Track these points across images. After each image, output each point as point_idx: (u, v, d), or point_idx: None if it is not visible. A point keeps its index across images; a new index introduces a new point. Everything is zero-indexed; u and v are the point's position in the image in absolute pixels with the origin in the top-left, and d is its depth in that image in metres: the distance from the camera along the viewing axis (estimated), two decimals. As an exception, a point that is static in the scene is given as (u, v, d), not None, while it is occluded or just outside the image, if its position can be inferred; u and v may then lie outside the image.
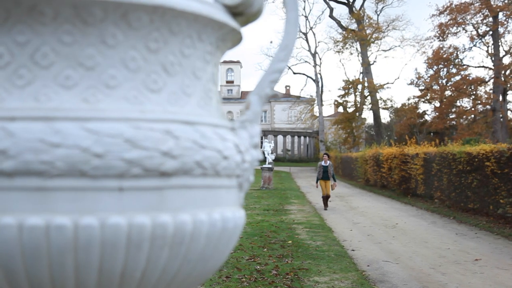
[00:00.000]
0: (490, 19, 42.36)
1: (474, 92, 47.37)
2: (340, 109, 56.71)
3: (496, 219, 13.50)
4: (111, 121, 0.84)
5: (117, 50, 0.88)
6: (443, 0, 53.86)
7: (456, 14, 44.28)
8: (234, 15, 1.06)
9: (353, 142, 50.35)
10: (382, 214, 15.92)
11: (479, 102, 46.56)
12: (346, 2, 52.00)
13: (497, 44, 42.53)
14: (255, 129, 1.06)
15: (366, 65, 49.41)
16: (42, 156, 0.79)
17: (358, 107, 50.24)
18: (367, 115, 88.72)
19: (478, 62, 56.60)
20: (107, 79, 0.87)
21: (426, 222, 14.17)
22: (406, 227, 13.04)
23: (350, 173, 35.96)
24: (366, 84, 48.65)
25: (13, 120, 0.81)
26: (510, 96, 45.63)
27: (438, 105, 52.08)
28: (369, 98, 49.58)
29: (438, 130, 50.92)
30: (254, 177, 1.09)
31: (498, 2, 41.16)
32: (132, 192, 0.84)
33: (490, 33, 43.06)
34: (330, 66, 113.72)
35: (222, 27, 1.01)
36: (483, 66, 46.23)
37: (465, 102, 49.79)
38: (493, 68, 43.08)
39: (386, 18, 68.93)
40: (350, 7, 51.74)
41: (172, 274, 0.92)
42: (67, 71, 0.85)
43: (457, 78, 47.90)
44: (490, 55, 43.62)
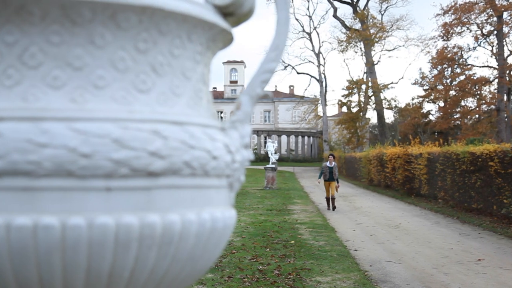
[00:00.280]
0: (495, 19, 42.24)
1: (478, 92, 47.27)
2: (344, 109, 56.66)
3: (499, 219, 13.47)
4: (99, 121, 0.84)
5: (105, 51, 0.88)
6: (448, -1, 53.60)
7: (460, 14, 44.17)
8: (225, 16, 1.06)
9: (357, 142, 50.29)
10: (386, 214, 15.90)
11: (484, 102, 46.45)
12: (350, 2, 51.96)
13: (501, 43, 42.41)
14: (246, 129, 1.06)
15: (370, 65, 49.34)
16: (29, 156, 0.79)
17: (362, 107, 50.18)
18: (371, 115, 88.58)
19: (482, 62, 56.33)
20: (96, 80, 0.87)
21: (429, 222, 14.15)
22: (409, 227, 13.02)
23: (354, 173, 35.93)
24: (370, 84, 48.59)
25: (0, 120, 0.81)
26: (515, 96, 45.50)
27: (442, 105, 51.99)
28: (373, 98, 49.52)
29: (443, 130, 50.83)
30: (245, 177, 1.09)
31: (503, 2, 41.04)
32: (120, 192, 0.84)
33: (495, 32, 42.94)
34: (334, 66, 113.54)
35: (212, 28, 1.01)
36: (488, 66, 46.14)
37: (469, 102, 49.71)
38: (497, 67, 42.95)
39: (390, 17, 68.91)
40: (354, 7, 51.70)
41: (161, 274, 0.92)
42: (55, 72, 0.86)
43: (461, 78, 47.80)
44: (494, 55, 43.50)
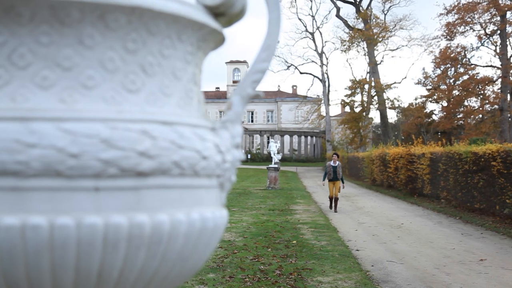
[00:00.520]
0: (498, 18, 42.15)
1: (481, 91, 47.18)
2: (347, 109, 56.64)
3: (502, 219, 13.45)
4: (88, 121, 0.84)
5: (94, 51, 0.88)
6: (451, -1, 53.55)
7: (463, 13, 44.08)
8: (216, 16, 1.06)
9: (360, 142, 50.26)
10: (388, 214, 15.89)
11: (487, 101, 46.37)
12: (353, 1, 51.93)
13: (505, 43, 42.32)
14: (237, 129, 1.06)
15: (373, 64, 49.31)
16: (17, 156, 0.80)
17: (365, 107, 50.16)
18: (374, 115, 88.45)
19: (486, 62, 56.30)
20: (85, 80, 0.87)
21: (432, 222, 14.13)
22: (411, 227, 13.01)
23: (357, 173, 35.91)
24: (373, 83, 48.55)
25: (-11, 120, 0.81)
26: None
27: (445, 104, 51.92)
28: (376, 98, 49.49)
29: (446, 130, 50.75)
30: (236, 177, 1.10)
31: (506, 1, 40.94)
32: (108, 192, 0.85)
33: (498, 32, 42.84)
34: (337, 65, 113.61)
35: (203, 28, 1.01)
36: (491, 66, 46.05)
37: (472, 102, 49.62)
38: (501, 67, 42.85)
39: (393, 17, 68.84)
40: (357, 7, 51.66)
41: (150, 274, 0.92)
42: (45, 72, 0.86)
43: (464, 77, 47.73)
44: (498, 54, 43.39)
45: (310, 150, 72.24)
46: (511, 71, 42.38)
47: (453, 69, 49.33)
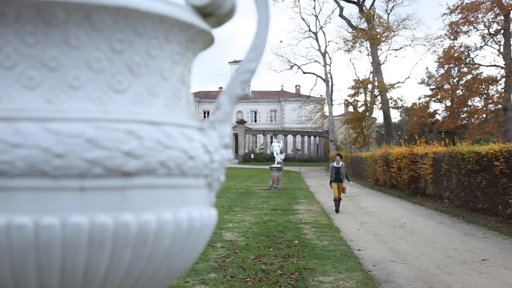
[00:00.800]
0: (502, 18, 42.02)
1: (485, 91, 47.05)
2: (350, 108, 56.60)
3: (505, 219, 13.41)
4: (73, 121, 0.84)
5: (80, 51, 0.89)
6: (454, -2, 53.45)
7: (467, 13, 43.96)
8: (205, 16, 1.06)
9: (363, 141, 50.19)
10: (391, 214, 15.87)
11: (491, 101, 46.23)
12: (356, 1, 51.87)
13: (508, 42, 42.18)
14: (225, 129, 1.07)
15: (376, 64, 49.24)
16: (2, 156, 0.80)
17: (368, 107, 50.07)
18: (377, 115, 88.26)
19: (489, 61, 56.21)
20: (71, 80, 0.88)
21: (434, 222, 14.11)
22: (414, 227, 12.99)
23: (360, 172, 35.87)
24: (376, 83, 48.49)
25: (-26, 120, 0.82)
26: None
27: (449, 104, 51.78)
28: (379, 97, 49.42)
29: (449, 130, 50.64)
30: (225, 176, 1.10)
31: (510, 1, 40.80)
32: (94, 191, 0.85)
33: (502, 31, 42.71)
34: (340, 65, 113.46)
35: (190, 28, 1.01)
36: (495, 65, 45.90)
37: (476, 102, 49.48)
38: (504, 67, 42.72)
39: (396, 17, 68.75)
40: (360, 6, 51.60)
41: (137, 273, 0.93)
42: (31, 72, 0.86)
43: (468, 77, 47.59)
44: (501, 54, 43.27)
45: (313, 150, 72.21)
46: (515, 71, 42.25)
47: (456, 68, 49.20)
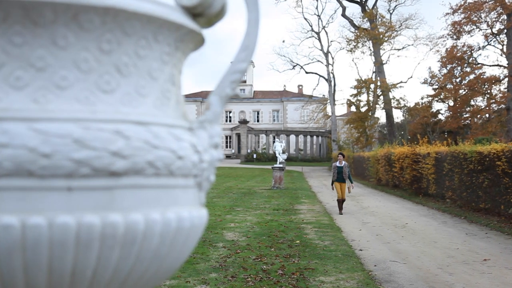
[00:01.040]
0: (505, 17, 41.94)
1: (488, 91, 46.98)
2: (352, 108, 56.53)
3: (507, 219, 13.39)
4: (60, 121, 0.84)
5: (68, 51, 0.89)
6: (457, -2, 53.36)
7: (470, 13, 43.88)
8: (194, 16, 1.06)
9: (365, 141, 50.14)
10: (393, 214, 15.86)
11: (494, 101, 46.15)
12: (358, 1, 51.84)
13: (511, 42, 42.07)
14: (215, 129, 1.07)
15: (378, 64, 49.20)
16: (-11, 156, 0.80)
17: (371, 107, 50.02)
18: (380, 115, 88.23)
19: (492, 61, 56.10)
20: (58, 80, 0.88)
21: (436, 222, 14.09)
22: (416, 227, 12.98)
23: (362, 172, 35.86)
24: (378, 83, 48.43)
25: (-39, 120, 0.82)
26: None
27: (452, 104, 51.72)
28: (381, 97, 49.36)
29: (452, 130, 50.57)
30: (215, 176, 1.10)
31: (513, 0, 40.70)
32: (81, 191, 0.85)
33: (505, 31, 42.61)
34: (343, 65, 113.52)
35: (180, 28, 1.02)
36: (498, 65, 45.82)
37: (479, 101, 49.41)
38: (507, 66, 42.63)
39: (399, 17, 68.59)
40: (362, 6, 51.56)
41: (125, 273, 0.93)
42: (18, 72, 0.86)
43: (471, 77, 47.51)
44: (504, 54, 43.17)
45: (316, 149, 72.19)
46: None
47: (459, 68, 49.11)
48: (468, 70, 48.23)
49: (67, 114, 0.86)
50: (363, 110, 50.69)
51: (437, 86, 52.90)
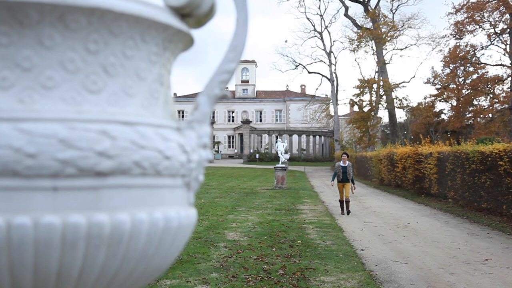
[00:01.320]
0: (508, 17, 41.85)
1: (491, 90, 46.88)
2: (355, 108, 56.52)
3: (509, 219, 13.36)
4: (46, 121, 0.85)
5: (54, 52, 0.89)
6: (460, -2, 53.20)
7: (472, 12, 43.80)
8: (183, 17, 1.06)
9: (368, 141, 50.10)
10: (395, 214, 15.83)
11: (497, 100, 46.05)
12: (361, 0, 51.78)
13: (514, 42, 41.98)
14: (204, 129, 1.07)
15: (381, 64, 49.13)
16: (-26, 156, 0.80)
17: (374, 106, 49.96)
18: (383, 114, 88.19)
19: (495, 60, 56.00)
20: (44, 80, 0.88)
21: (438, 222, 14.07)
22: (417, 227, 12.96)
23: (365, 172, 35.83)
24: (381, 83, 48.36)
25: None
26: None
27: (454, 104, 51.64)
28: (384, 97, 49.30)
29: (455, 129, 50.48)
30: (203, 176, 1.10)
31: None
32: (66, 191, 0.85)
33: (508, 31, 42.52)
34: (345, 65, 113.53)
35: (167, 29, 1.02)
36: (501, 65, 45.72)
37: (482, 101, 49.32)
38: (510, 66, 42.54)
39: (401, 16, 68.50)
40: (365, 6, 51.51)
41: (112, 273, 0.93)
42: (4, 72, 0.86)
43: (474, 76, 47.44)
44: (507, 53, 43.08)
45: (318, 149, 72.16)
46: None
47: (462, 68, 49.04)
48: (471, 69, 48.16)
49: (53, 114, 0.86)
50: (366, 110, 50.64)
51: (440, 86, 52.82)
